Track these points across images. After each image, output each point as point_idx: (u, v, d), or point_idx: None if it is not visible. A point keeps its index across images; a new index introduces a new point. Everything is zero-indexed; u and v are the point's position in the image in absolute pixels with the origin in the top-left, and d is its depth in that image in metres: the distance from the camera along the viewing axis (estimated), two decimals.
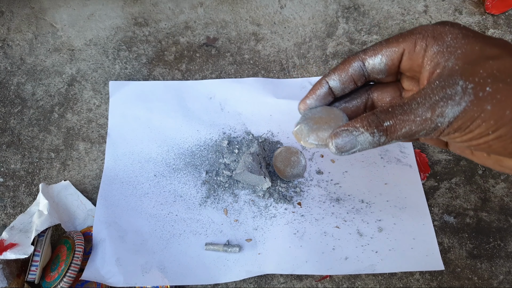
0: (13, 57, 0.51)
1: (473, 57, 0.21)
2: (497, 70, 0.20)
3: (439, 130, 0.21)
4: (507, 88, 0.19)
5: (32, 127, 0.47)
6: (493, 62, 0.20)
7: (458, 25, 0.22)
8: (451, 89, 0.20)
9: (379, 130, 0.22)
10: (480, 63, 0.20)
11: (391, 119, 0.21)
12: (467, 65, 0.20)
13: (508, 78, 0.19)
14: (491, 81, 0.20)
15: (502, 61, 0.20)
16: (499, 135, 0.20)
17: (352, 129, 0.22)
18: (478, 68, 0.20)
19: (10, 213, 0.43)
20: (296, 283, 0.39)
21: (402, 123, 0.21)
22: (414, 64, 0.23)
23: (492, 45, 0.21)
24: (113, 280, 0.37)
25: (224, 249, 0.39)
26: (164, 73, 0.50)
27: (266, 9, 0.55)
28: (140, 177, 0.43)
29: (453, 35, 0.22)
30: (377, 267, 0.39)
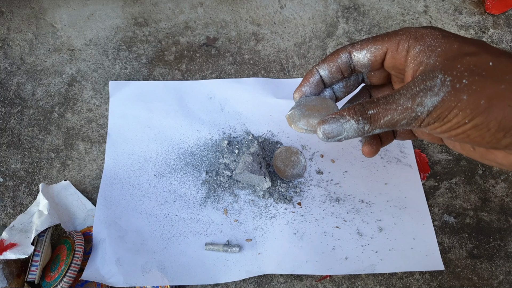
0: (13, 57, 0.51)
1: (452, 53, 0.22)
2: (474, 65, 0.21)
3: (419, 119, 0.22)
4: (482, 80, 0.21)
5: (32, 127, 0.47)
6: (470, 58, 0.21)
7: (439, 28, 0.24)
8: (431, 82, 0.22)
9: (364, 118, 0.23)
10: (458, 59, 0.22)
11: (375, 108, 0.23)
12: (447, 61, 0.22)
13: (484, 71, 0.21)
14: (468, 74, 0.21)
15: (478, 57, 0.21)
16: (476, 124, 0.21)
17: (339, 117, 0.24)
18: (456, 63, 0.21)
19: (10, 213, 0.43)
20: (296, 283, 0.39)
21: (385, 111, 0.23)
22: (397, 62, 0.25)
23: (470, 44, 0.22)
24: (113, 280, 0.37)
25: (224, 249, 0.39)
26: (164, 73, 0.50)
27: (266, 9, 0.55)
28: (140, 177, 0.43)
29: (433, 36, 0.23)
30: (377, 267, 0.39)
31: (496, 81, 0.20)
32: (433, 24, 0.53)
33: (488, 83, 0.20)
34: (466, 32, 0.53)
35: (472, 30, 0.53)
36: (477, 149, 0.25)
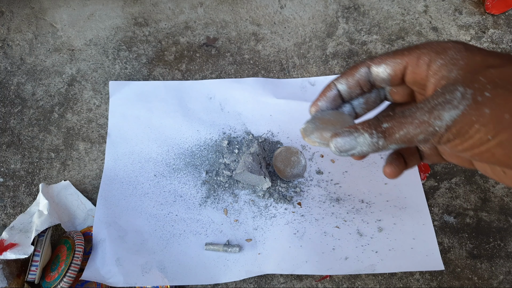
0: (13, 57, 0.51)
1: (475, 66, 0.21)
2: (498, 77, 0.20)
3: (437, 134, 0.21)
4: (506, 94, 0.19)
5: (32, 127, 0.47)
6: (494, 70, 0.20)
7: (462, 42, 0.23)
8: (451, 95, 0.20)
9: (378, 132, 0.22)
10: (481, 71, 0.20)
11: (390, 121, 0.22)
12: (468, 74, 0.21)
13: (509, 84, 0.20)
14: (491, 87, 0.20)
15: (503, 69, 0.20)
16: (500, 141, 0.20)
17: (353, 130, 0.23)
18: (478, 76, 0.20)
19: (10, 213, 0.43)
20: (296, 283, 0.39)
21: (400, 125, 0.21)
22: (417, 77, 0.24)
23: (495, 56, 0.21)
24: (113, 280, 0.37)
25: (224, 249, 0.39)
26: (164, 73, 0.50)
27: (266, 9, 0.55)
28: (140, 177, 0.43)
29: (456, 49, 0.22)
30: (377, 267, 0.39)
31: None
32: (432, 24, 0.53)
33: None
34: (466, 32, 0.53)
35: (472, 30, 0.53)
36: (508, 173, 0.24)
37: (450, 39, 0.25)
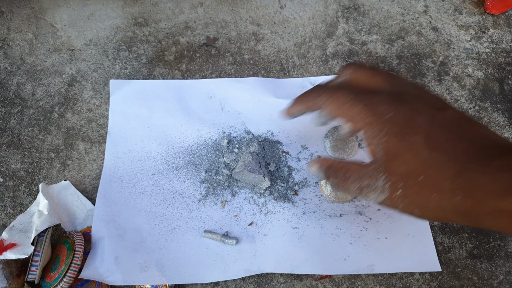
0: (13, 57, 0.51)
1: (391, 155, 0.26)
2: (407, 177, 0.25)
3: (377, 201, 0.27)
4: (413, 194, 0.25)
5: (32, 127, 0.47)
6: (404, 167, 0.25)
7: (384, 114, 0.26)
8: (374, 181, 0.26)
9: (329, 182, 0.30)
10: (395, 162, 0.25)
11: (335, 178, 0.29)
12: (387, 162, 0.26)
13: (415, 185, 0.24)
14: (402, 185, 0.25)
15: (411, 168, 0.25)
16: (421, 217, 0.26)
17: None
18: (394, 168, 0.25)
19: (10, 213, 0.43)
20: (296, 283, 0.39)
21: (342, 188, 0.28)
22: (357, 129, 0.29)
23: (406, 146, 0.25)
24: (112, 279, 0.37)
25: (222, 239, 0.39)
26: (164, 73, 0.50)
27: (266, 9, 0.55)
28: (140, 175, 0.44)
29: (378, 127, 0.26)
30: (375, 267, 0.39)
31: (425, 198, 0.24)
32: (432, 24, 0.53)
33: (418, 198, 0.25)
34: (466, 32, 0.53)
35: (472, 30, 0.53)
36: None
37: (383, 97, 0.28)
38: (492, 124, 0.47)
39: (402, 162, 0.25)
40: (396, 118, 0.26)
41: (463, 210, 0.24)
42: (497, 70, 0.50)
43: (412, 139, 0.25)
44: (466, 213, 0.24)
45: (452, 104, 0.48)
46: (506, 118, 0.47)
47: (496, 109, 0.48)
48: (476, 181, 0.23)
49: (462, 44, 0.52)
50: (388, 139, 0.26)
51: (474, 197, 0.23)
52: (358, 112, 0.27)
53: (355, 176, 0.27)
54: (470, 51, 0.52)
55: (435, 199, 0.24)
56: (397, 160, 0.25)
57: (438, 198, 0.24)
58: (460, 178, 0.23)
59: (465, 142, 0.24)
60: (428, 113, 0.26)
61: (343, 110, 0.28)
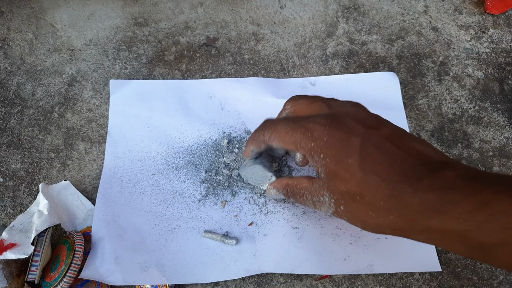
0: (13, 57, 0.52)
1: (331, 175, 0.28)
2: (347, 195, 0.27)
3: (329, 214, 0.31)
4: (353, 210, 0.27)
5: (32, 127, 0.47)
6: (343, 187, 0.27)
7: (320, 139, 0.28)
8: (322, 197, 0.29)
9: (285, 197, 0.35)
10: (336, 183, 0.28)
11: (294, 197, 0.33)
12: (329, 182, 0.28)
13: (353, 203, 0.27)
14: (343, 202, 0.27)
15: (348, 188, 0.27)
16: (365, 229, 0.29)
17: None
18: (335, 187, 0.28)
19: (10, 213, 0.43)
20: (296, 283, 0.39)
21: (301, 203, 0.33)
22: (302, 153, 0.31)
23: (343, 168, 0.27)
24: (112, 279, 0.37)
25: (222, 239, 0.39)
26: (164, 73, 0.50)
27: (266, 9, 0.55)
28: (140, 175, 0.44)
29: (316, 152, 0.28)
30: (375, 267, 0.39)
31: (364, 215, 0.27)
32: (432, 24, 0.53)
33: (358, 214, 0.27)
34: (466, 32, 0.53)
35: (472, 30, 0.53)
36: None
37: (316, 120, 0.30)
38: (492, 124, 0.47)
39: (341, 182, 0.27)
40: (331, 142, 0.28)
41: (398, 228, 0.25)
42: (497, 70, 0.50)
43: (347, 161, 0.27)
44: (400, 230, 0.26)
45: (453, 102, 0.48)
46: (506, 118, 0.47)
47: (496, 109, 0.48)
48: (407, 201, 0.24)
49: (462, 44, 0.52)
50: (326, 162, 0.28)
51: (406, 216, 0.24)
52: (298, 139, 0.29)
53: (307, 193, 0.30)
54: (470, 51, 0.52)
55: (372, 217, 0.26)
56: (337, 180, 0.27)
57: (375, 217, 0.26)
58: (392, 198, 0.25)
59: (398, 162, 0.26)
60: (362, 133, 0.27)
61: (286, 141, 0.30)
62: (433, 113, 0.48)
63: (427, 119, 0.47)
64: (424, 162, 0.25)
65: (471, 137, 0.46)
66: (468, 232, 0.22)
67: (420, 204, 0.24)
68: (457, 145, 0.46)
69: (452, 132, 0.47)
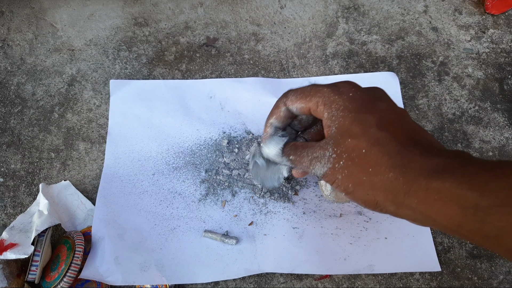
0: (13, 57, 0.52)
1: (343, 130, 0.27)
2: (352, 149, 0.26)
3: (319, 176, 0.28)
4: (352, 167, 0.26)
5: (32, 127, 0.47)
6: (351, 140, 0.26)
7: (345, 93, 0.28)
8: (323, 152, 0.28)
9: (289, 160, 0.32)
10: (345, 137, 0.27)
11: (294, 155, 0.31)
12: (338, 136, 0.27)
13: (356, 158, 0.26)
14: (345, 157, 0.26)
15: (357, 142, 0.26)
16: (351, 197, 0.27)
17: None
18: (343, 141, 0.27)
19: (10, 213, 0.43)
20: (296, 283, 0.39)
21: (297, 163, 0.30)
22: (318, 116, 0.30)
23: (358, 123, 0.27)
24: (112, 279, 0.37)
25: (222, 239, 0.39)
26: (164, 73, 0.50)
27: (266, 9, 0.55)
28: (140, 175, 0.44)
29: (337, 105, 0.28)
30: (375, 267, 0.39)
31: (362, 171, 0.26)
32: (432, 24, 0.53)
33: (356, 170, 0.26)
34: (466, 32, 0.53)
35: (472, 30, 0.53)
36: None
37: (340, 82, 0.30)
38: (492, 124, 0.47)
39: (350, 136, 0.27)
40: (356, 98, 0.28)
41: (392, 188, 0.25)
42: (497, 70, 0.50)
43: (365, 117, 0.27)
44: (393, 192, 0.25)
45: (453, 102, 0.48)
46: (506, 118, 0.47)
47: (496, 109, 0.48)
48: (413, 159, 0.25)
49: (462, 44, 0.52)
50: (343, 115, 0.27)
51: (407, 174, 0.24)
52: (323, 95, 0.29)
53: (308, 149, 0.29)
54: (470, 51, 0.52)
55: (370, 174, 0.26)
56: (347, 134, 0.27)
57: (373, 173, 0.25)
58: (399, 155, 0.25)
59: (412, 132, 0.27)
60: (387, 101, 0.28)
61: (309, 98, 0.30)
62: (433, 113, 0.48)
63: (427, 119, 0.47)
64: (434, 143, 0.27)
65: (471, 137, 0.46)
66: (467, 191, 0.22)
67: (425, 163, 0.24)
68: (457, 145, 0.46)
69: (452, 132, 0.47)
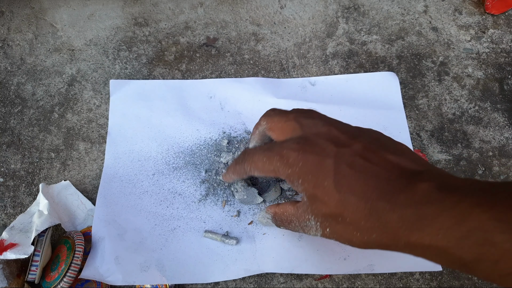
0: (13, 57, 0.52)
1: (311, 197, 0.28)
2: (330, 216, 0.27)
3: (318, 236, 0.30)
4: (339, 232, 0.27)
5: (32, 127, 0.47)
6: (324, 208, 0.27)
7: (295, 165, 0.28)
8: (308, 222, 0.29)
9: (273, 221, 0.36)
10: (317, 203, 0.28)
11: (284, 227, 0.34)
12: (312, 204, 0.28)
13: (338, 223, 0.27)
14: (328, 224, 0.28)
15: (330, 209, 0.27)
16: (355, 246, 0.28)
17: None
18: (317, 209, 0.28)
19: (10, 213, 0.43)
20: (296, 283, 0.39)
21: (293, 231, 0.33)
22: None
23: (321, 191, 0.27)
24: (112, 279, 0.37)
25: (222, 239, 0.39)
26: (164, 73, 0.50)
27: (266, 9, 0.55)
28: (140, 175, 0.44)
29: (293, 178, 0.29)
30: (376, 267, 0.39)
31: (350, 234, 0.27)
32: (432, 24, 0.53)
33: (345, 233, 0.27)
34: (466, 32, 0.53)
35: (472, 30, 0.53)
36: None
37: (289, 149, 0.30)
38: (492, 124, 0.47)
39: (322, 205, 0.27)
40: (306, 167, 0.28)
41: (383, 244, 0.26)
42: (497, 70, 0.50)
43: (323, 184, 0.27)
44: (386, 246, 0.26)
45: (453, 102, 0.48)
46: (506, 118, 0.47)
47: (496, 109, 0.48)
48: (387, 219, 0.24)
49: (462, 44, 0.52)
50: (305, 187, 0.28)
51: (388, 233, 0.25)
52: (276, 167, 0.30)
53: (295, 220, 0.31)
54: (470, 51, 0.52)
55: (357, 237, 0.26)
56: (318, 203, 0.27)
57: (360, 236, 0.26)
58: (372, 217, 0.25)
59: (373, 178, 0.26)
60: (334, 153, 0.27)
61: (265, 170, 0.31)
62: (433, 113, 0.48)
63: (427, 119, 0.47)
64: (399, 175, 0.25)
65: (471, 137, 0.46)
66: (447, 248, 0.22)
67: (399, 220, 0.24)
68: (457, 145, 0.46)
69: (452, 132, 0.47)
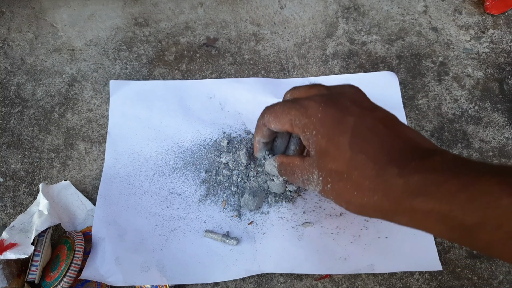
0: (13, 57, 0.52)
1: (321, 153, 0.28)
2: (334, 173, 0.27)
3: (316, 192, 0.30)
4: (339, 189, 0.27)
5: (32, 127, 0.47)
6: (331, 164, 0.27)
7: (314, 115, 0.28)
8: (311, 175, 0.29)
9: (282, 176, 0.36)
10: (325, 159, 0.28)
11: (286, 175, 0.34)
12: (319, 159, 0.28)
13: (340, 181, 0.27)
14: (331, 180, 0.28)
15: (337, 166, 0.27)
16: (349, 210, 0.28)
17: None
18: (324, 164, 0.28)
19: (10, 213, 0.43)
20: (296, 283, 0.39)
21: (292, 182, 0.33)
22: (297, 134, 0.31)
23: (333, 146, 0.27)
24: (112, 279, 0.38)
25: (222, 239, 0.39)
26: (164, 73, 0.50)
27: (266, 9, 0.55)
28: (140, 176, 0.44)
29: (309, 129, 0.29)
30: (376, 267, 0.39)
31: (349, 194, 0.27)
32: (432, 25, 0.54)
33: (344, 192, 0.27)
34: (466, 32, 0.53)
35: (471, 30, 0.53)
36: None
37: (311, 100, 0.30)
38: (492, 124, 0.47)
39: (330, 160, 0.27)
40: (324, 119, 0.28)
41: (381, 209, 0.26)
42: (497, 70, 0.50)
43: (338, 139, 0.27)
44: (383, 212, 0.26)
45: (452, 102, 0.48)
46: (506, 118, 0.47)
47: (496, 109, 0.48)
48: (392, 182, 0.24)
49: (462, 44, 0.52)
50: (318, 139, 0.28)
51: (390, 197, 0.25)
52: (293, 117, 0.29)
53: (298, 171, 0.31)
54: (470, 51, 0.52)
55: (357, 197, 0.26)
56: (326, 157, 0.27)
57: (359, 196, 0.26)
58: (378, 178, 0.25)
59: (388, 144, 0.26)
60: (357, 113, 0.27)
61: (282, 120, 0.31)
62: (433, 113, 0.48)
63: (427, 119, 0.47)
64: (413, 148, 0.26)
65: (471, 137, 0.46)
66: (450, 212, 0.22)
67: (405, 184, 0.24)
68: (457, 145, 0.46)
69: (452, 132, 0.47)
